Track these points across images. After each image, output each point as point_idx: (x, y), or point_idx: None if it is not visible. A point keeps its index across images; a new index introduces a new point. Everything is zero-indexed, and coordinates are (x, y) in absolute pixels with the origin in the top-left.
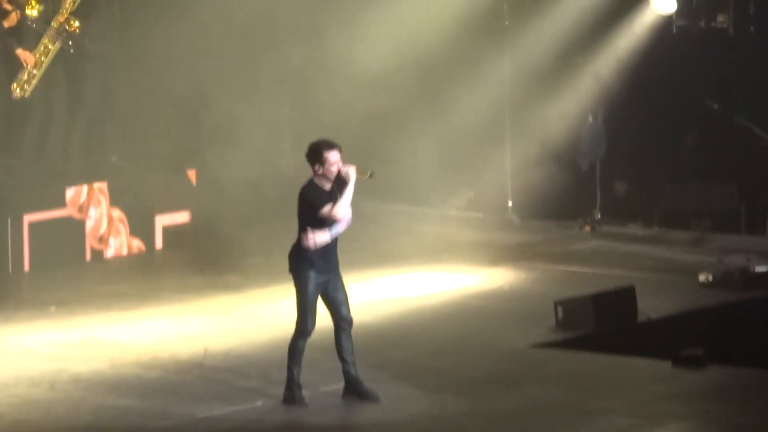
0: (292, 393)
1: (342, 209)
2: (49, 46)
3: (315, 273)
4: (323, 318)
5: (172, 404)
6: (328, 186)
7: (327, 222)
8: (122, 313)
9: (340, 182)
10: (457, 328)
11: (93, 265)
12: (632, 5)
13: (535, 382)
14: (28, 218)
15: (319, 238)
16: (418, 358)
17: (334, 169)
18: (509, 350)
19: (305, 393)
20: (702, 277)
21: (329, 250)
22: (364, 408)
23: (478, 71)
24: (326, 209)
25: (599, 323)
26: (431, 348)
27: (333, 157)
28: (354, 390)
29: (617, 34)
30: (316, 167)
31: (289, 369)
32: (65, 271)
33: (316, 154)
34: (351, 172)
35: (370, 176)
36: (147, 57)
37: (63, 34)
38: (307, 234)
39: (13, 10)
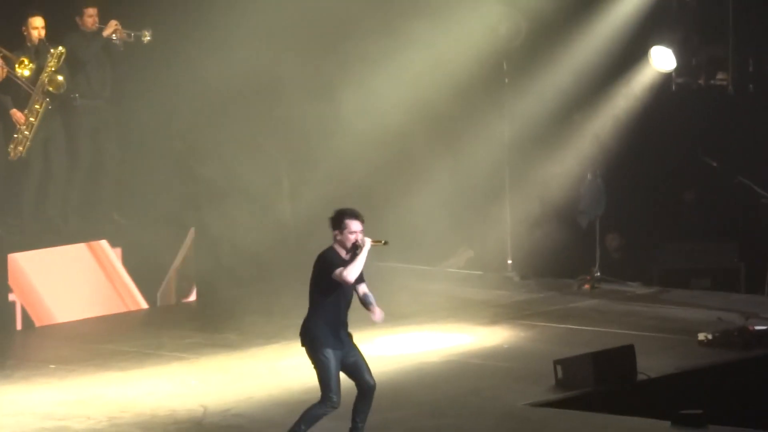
0: None
1: (354, 272)
2: (36, 106)
3: (330, 349)
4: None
5: None
6: (344, 254)
7: (335, 289)
8: (121, 372)
9: (355, 250)
10: (456, 387)
11: (89, 323)
12: (632, 63)
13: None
14: None
15: (347, 272)
16: (417, 418)
17: (351, 237)
18: (508, 409)
19: None
20: (701, 336)
21: (339, 326)
22: None
23: (479, 130)
24: (338, 271)
25: (598, 382)
26: (430, 407)
27: (354, 226)
28: None
29: (617, 93)
30: (336, 233)
31: (297, 426)
32: (62, 329)
33: (337, 220)
34: (366, 240)
35: (385, 243)
36: (144, 111)
37: (47, 93)
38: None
39: (2, 67)
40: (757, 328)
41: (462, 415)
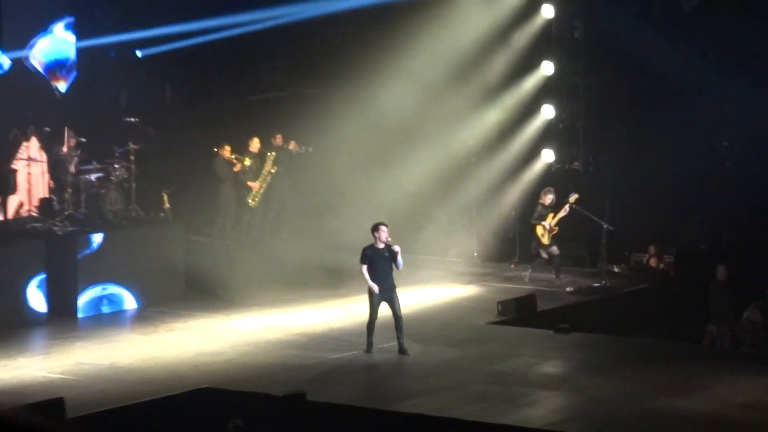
0: (368, 347)
1: (401, 264)
2: (260, 185)
3: (374, 291)
4: (387, 312)
5: (315, 352)
6: (380, 245)
7: (366, 263)
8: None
9: (391, 250)
10: (447, 315)
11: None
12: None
13: (488, 341)
14: None
15: (364, 271)
16: (429, 331)
17: (382, 237)
18: (474, 326)
19: (374, 349)
20: (568, 289)
21: (380, 279)
22: (403, 357)
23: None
24: (364, 267)
25: (519, 312)
26: (435, 325)
27: (383, 230)
28: (400, 349)
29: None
30: (374, 234)
31: (368, 336)
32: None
33: (374, 228)
34: (397, 248)
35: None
36: (335, 154)
37: (268, 173)
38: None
39: (239, 162)
40: (594, 285)
41: (449, 328)
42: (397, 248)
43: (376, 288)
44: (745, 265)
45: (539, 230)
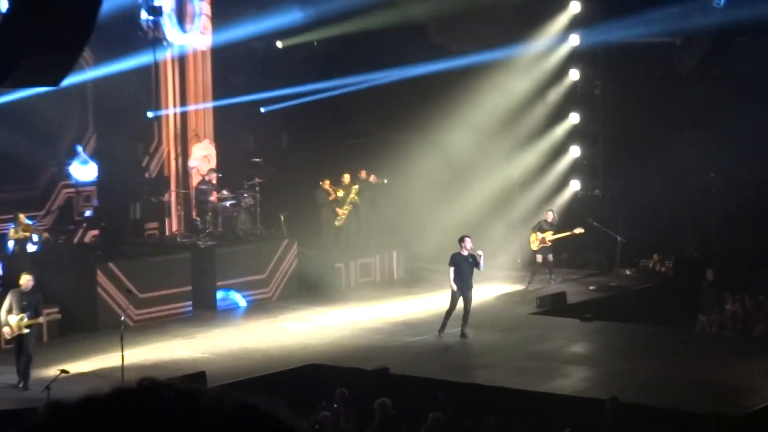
0: (440, 329)
1: (482, 266)
2: (347, 207)
3: (457, 287)
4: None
5: (396, 337)
6: (465, 252)
7: (454, 266)
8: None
9: (474, 256)
10: (496, 307)
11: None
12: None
13: (529, 328)
14: None
15: (451, 273)
16: (483, 319)
17: (467, 245)
18: (517, 316)
19: (444, 332)
20: (591, 287)
21: (464, 278)
22: (464, 339)
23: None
24: (451, 270)
25: (552, 306)
26: (487, 315)
27: (467, 240)
28: (462, 333)
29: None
30: (460, 244)
31: (444, 320)
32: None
33: (460, 239)
34: (480, 252)
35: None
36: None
37: (352, 201)
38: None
39: (334, 192)
40: (611, 284)
41: (498, 318)
42: (480, 253)
43: (455, 287)
44: (728, 269)
45: (532, 237)
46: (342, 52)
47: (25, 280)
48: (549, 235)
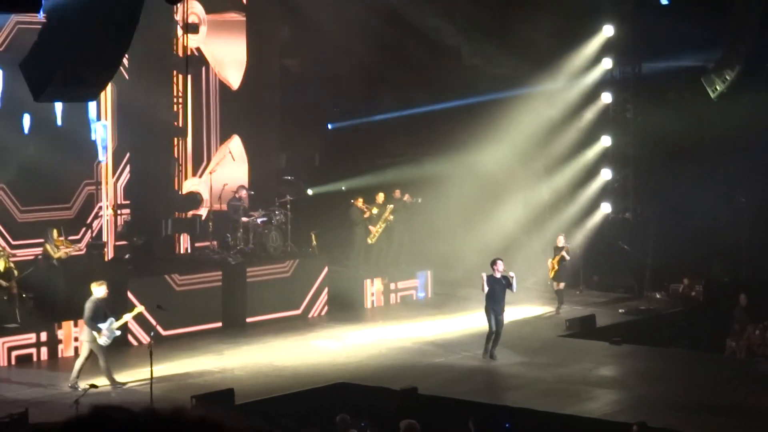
0: (484, 352)
1: (515, 287)
2: (381, 224)
3: (491, 310)
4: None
5: (425, 357)
6: (497, 275)
7: (488, 286)
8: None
9: (506, 277)
10: (526, 328)
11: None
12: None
13: (558, 350)
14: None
15: (486, 285)
16: (512, 341)
17: (499, 269)
18: (547, 337)
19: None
20: (621, 310)
21: (496, 301)
22: (493, 361)
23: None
24: (486, 288)
25: (582, 328)
26: (516, 336)
27: (499, 263)
28: (491, 354)
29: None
30: (492, 267)
31: (486, 343)
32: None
33: (492, 262)
34: (512, 273)
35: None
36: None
37: (386, 219)
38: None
39: (368, 210)
40: (641, 308)
41: (528, 339)
42: (512, 274)
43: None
44: (758, 294)
45: (549, 265)
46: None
47: (104, 289)
48: (556, 261)
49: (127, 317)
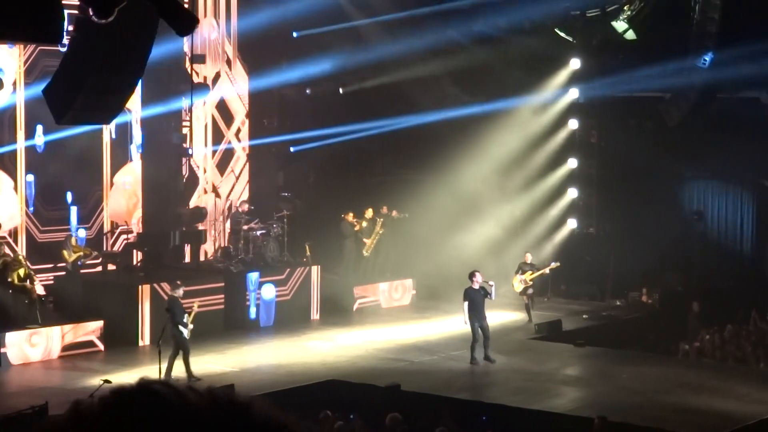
0: (471, 359)
1: (494, 295)
2: (374, 237)
3: (474, 319)
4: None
5: (407, 356)
6: (476, 286)
7: (468, 300)
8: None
9: (484, 288)
10: (498, 332)
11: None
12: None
13: (527, 351)
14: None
15: (465, 307)
16: (497, 345)
17: (477, 279)
18: (518, 340)
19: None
20: (585, 316)
21: (478, 309)
22: (487, 363)
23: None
24: (465, 304)
25: (549, 332)
26: (490, 340)
27: (477, 275)
28: (487, 358)
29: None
30: (471, 279)
31: (471, 351)
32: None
33: (470, 274)
34: (492, 282)
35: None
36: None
37: (377, 233)
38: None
39: (358, 224)
40: (602, 314)
41: (507, 342)
42: (491, 283)
43: (467, 320)
44: (710, 302)
45: (515, 279)
46: (365, 100)
47: (182, 290)
48: (529, 276)
49: (193, 314)
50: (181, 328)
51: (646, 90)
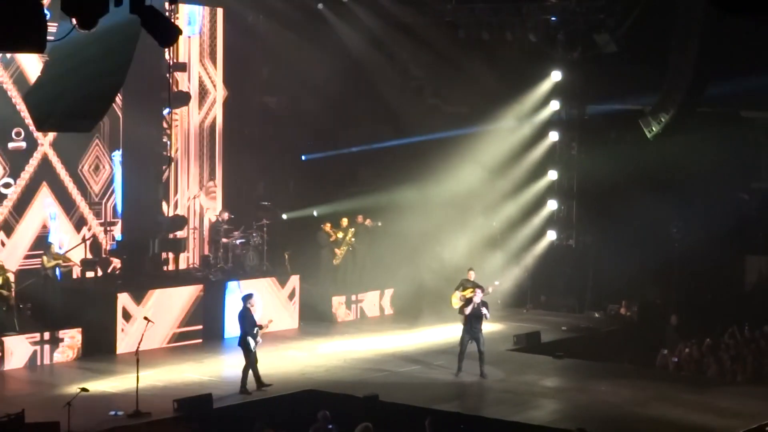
0: (457, 370)
1: (488, 314)
2: (344, 247)
3: (467, 331)
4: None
5: (386, 367)
6: (477, 299)
7: (469, 308)
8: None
9: (485, 303)
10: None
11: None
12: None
13: (506, 363)
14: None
15: (467, 309)
16: (474, 356)
17: (477, 299)
18: (496, 351)
19: (461, 373)
20: (564, 327)
21: (474, 323)
22: (481, 378)
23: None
24: (468, 308)
25: (528, 343)
26: (468, 351)
27: (478, 291)
28: (481, 373)
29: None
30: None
31: (458, 362)
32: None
33: (458, 285)
34: (478, 295)
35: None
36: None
37: (348, 242)
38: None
39: (334, 234)
40: (581, 326)
41: (488, 354)
42: (489, 290)
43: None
44: (688, 315)
45: (454, 296)
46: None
47: (254, 300)
48: (468, 293)
49: (264, 327)
50: (249, 339)
51: (626, 103)
